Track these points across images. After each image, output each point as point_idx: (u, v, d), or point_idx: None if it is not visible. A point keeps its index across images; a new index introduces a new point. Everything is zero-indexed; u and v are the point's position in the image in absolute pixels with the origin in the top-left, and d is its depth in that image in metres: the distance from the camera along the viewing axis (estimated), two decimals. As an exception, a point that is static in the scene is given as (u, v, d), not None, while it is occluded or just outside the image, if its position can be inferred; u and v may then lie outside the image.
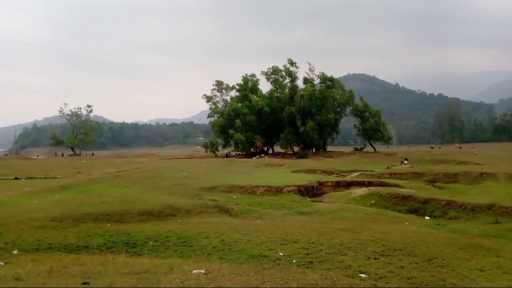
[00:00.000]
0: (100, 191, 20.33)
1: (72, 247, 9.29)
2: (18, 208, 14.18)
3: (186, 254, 8.87)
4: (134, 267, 6.21)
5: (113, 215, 13.24)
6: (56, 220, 11.98)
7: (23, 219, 11.94)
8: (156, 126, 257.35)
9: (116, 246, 9.57)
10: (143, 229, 11.75)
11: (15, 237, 10.02)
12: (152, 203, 15.81)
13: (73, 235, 10.48)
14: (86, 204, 14.60)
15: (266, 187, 24.20)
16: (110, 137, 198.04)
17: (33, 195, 18.49)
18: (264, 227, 12.62)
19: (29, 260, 7.94)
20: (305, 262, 7.91)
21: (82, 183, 23.75)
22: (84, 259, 7.39)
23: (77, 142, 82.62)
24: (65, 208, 13.73)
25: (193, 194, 20.69)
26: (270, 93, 68.04)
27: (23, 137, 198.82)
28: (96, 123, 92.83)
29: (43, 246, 9.32)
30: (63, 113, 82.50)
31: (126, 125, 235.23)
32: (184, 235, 10.73)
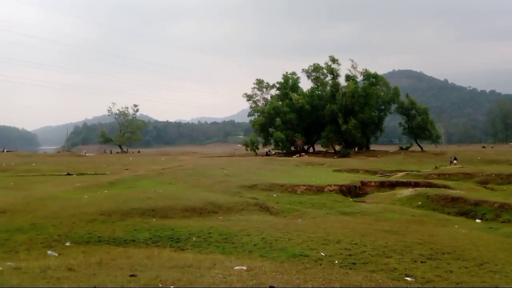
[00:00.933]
0: (145, 187, 21.07)
1: (120, 241, 9.70)
2: (70, 203, 15.03)
3: (227, 250, 8.98)
4: (178, 261, 6.37)
5: (158, 211, 13.69)
6: (105, 215, 12.57)
7: (74, 213, 12.64)
8: (198, 125, 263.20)
9: (161, 240, 9.88)
10: (186, 224, 12.04)
11: (68, 229, 10.62)
12: (194, 200, 16.18)
13: (121, 229, 10.93)
14: (133, 200, 15.22)
15: (306, 186, 23.98)
16: (155, 136, 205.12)
17: (83, 190, 19.51)
18: (305, 226, 12.51)
19: (81, 252, 8.39)
20: (347, 263, 7.75)
21: (129, 179, 24.75)
22: (131, 252, 7.69)
23: (125, 140, 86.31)
24: (113, 203, 14.39)
25: (234, 192, 20.93)
26: (311, 91, 67.27)
27: (74, 135, 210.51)
28: (142, 122, 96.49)
29: (93, 239, 9.81)
30: (111, 113, 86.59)
31: (170, 124, 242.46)
32: (226, 232, 10.87)
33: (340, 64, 64.21)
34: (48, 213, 12.47)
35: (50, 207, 13.73)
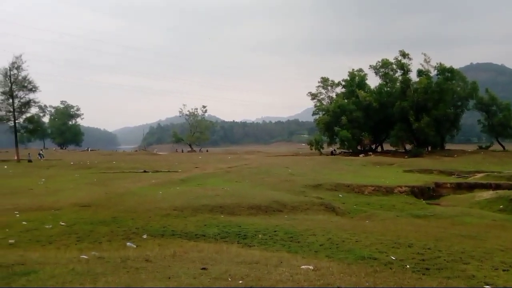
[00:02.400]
0: (214, 184, 21.85)
1: (191, 235, 10.19)
2: (147, 198, 16.12)
3: (293, 249, 9.01)
4: (246, 257, 6.55)
5: (226, 208, 14.16)
6: (177, 210, 13.30)
7: (150, 208, 13.53)
8: (263, 124, 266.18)
9: (228, 236, 10.20)
10: (253, 222, 12.29)
11: (144, 223, 11.40)
12: (260, 198, 16.46)
13: (192, 224, 11.48)
14: (202, 196, 15.91)
15: (374, 187, 23.14)
16: (222, 135, 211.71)
17: (158, 186, 20.77)
18: (373, 228, 12.11)
19: (156, 244, 8.96)
20: (420, 268, 7.36)
21: (199, 177, 25.84)
22: (202, 247, 8.05)
23: (194, 140, 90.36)
24: (185, 199, 15.17)
25: (299, 191, 20.88)
26: (379, 88, 64.54)
27: (150, 135, 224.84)
28: (210, 122, 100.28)
29: (167, 232, 10.42)
30: (182, 114, 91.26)
31: (236, 124, 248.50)
32: (291, 231, 10.91)
33: (411, 59, 60.75)
34: (127, 208, 13.50)
35: (129, 202, 14.86)
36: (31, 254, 6.63)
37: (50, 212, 12.55)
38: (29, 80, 47.77)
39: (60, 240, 9.25)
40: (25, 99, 48.27)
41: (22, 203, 15.16)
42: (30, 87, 47.95)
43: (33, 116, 52.79)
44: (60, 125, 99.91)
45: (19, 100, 47.79)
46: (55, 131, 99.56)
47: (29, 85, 47.84)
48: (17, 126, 48.78)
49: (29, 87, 47.86)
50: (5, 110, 47.49)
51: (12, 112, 47.57)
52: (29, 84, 47.79)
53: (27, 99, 48.44)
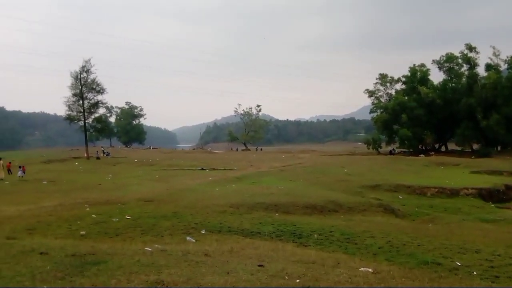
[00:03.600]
0: (268, 183, 22.01)
1: (247, 232, 10.35)
2: (204, 195, 16.64)
3: (350, 251, 8.81)
4: (301, 257, 6.54)
5: (281, 206, 14.20)
6: (233, 207, 13.59)
7: (208, 204, 13.94)
8: (317, 123, 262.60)
9: (284, 235, 10.22)
10: (308, 221, 12.20)
11: (203, 219, 11.77)
12: (315, 198, 16.29)
13: (248, 221, 11.66)
14: (257, 195, 16.09)
15: (438, 188, 21.89)
16: (275, 134, 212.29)
17: (215, 184, 21.35)
18: (436, 232, 11.49)
19: (214, 239, 9.23)
20: (489, 275, 6.85)
21: (253, 175, 26.16)
22: (258, 244, 8.15)
23: (249, 139, 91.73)
24: (240, 197, 15.45)
25: (355, 192, 20.37)
26: (443, 84, 60.73)
27: (206, 134, 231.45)
28: (264, 121, 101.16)
29: (224, 228, 10.68)
30: (237, 113, 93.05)
31: (290, 123, 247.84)
32: (348, 232, 10.67)
33: (479, 53, 56.48)
34: (187, 203, 14.03)
35: (188, 198, 15.44)
36: (100, 245, 7.13)
37: (117, 206, 13.40)
38: (97, 82, 51.36)
39: (126, 233, 9.83)
40: (94, 100, 51.95)
41: (92, 197, 16.37)
42: (98, 89, 51.52)
43: (101, 116, 56.68)
44: (125, 124, 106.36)
45: (88, 102, 51.53)
46: (121, 130, 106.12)
47: (97, 87, 51.42)
48: (86, 126, 52.64)
49: (97, 89, 51.45)
50: (76, 110, 51.46)
51: (82, 112, 51.43)
52: (97, 86, 51.37)
53: (96, 100, 52.10)
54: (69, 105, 50.97)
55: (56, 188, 21.18)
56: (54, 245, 6.55)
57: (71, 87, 50.67)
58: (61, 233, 9.57)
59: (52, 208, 13.40)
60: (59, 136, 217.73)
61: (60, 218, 11.27)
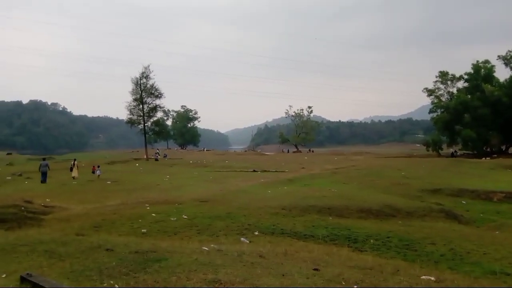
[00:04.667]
0: (320, 185, 21.71)
1: (300, 235, 10.29)
2: (257, 196, 16.79)
3: (409, 257, 8.44)
4: (358, 262, 6.37)
5: (334, 209, 13.94)
6: (286, 209, 13.56)
7: (260, 206, 14.05)
8: (371, 124, 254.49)
9: (338, 239, 10.02)
10: (363, 226, 11.86)
11: (255, 220, 11.88)
12: (370, 201, 15.80)
13: (300, 224, 11.58)
14: (310, 197, 15.93)
15: (506, 193, 20.24)
16: (327, 135, 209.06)
17: (267, 185, 21.46)
18: (504, 240, 10.67)
19: (267, 241, 9.27)
20: None
21: (305, 177, 25.95)
22: (312, 247, 8.08)
23: (300, 140, 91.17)
24: (292, 199, 15.39)
25: (414, 196, 19.47)
26: (510, 81, 56.25)
27: (258, 136, 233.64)
28: (315, 122, 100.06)
29: (277, 230, 10.70)
30: (288, 115, 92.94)
31: (342, 124, 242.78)
32: (407, 238, 10.23)
33: (555, 45, 51.69)
34: (240, 205, 14.24)
35: (241, 199, 15.67)
36: (160, 243, 7.46)
37: (174, 206, 13.94)
38: (156, 87, 53.97)
39: (183, 232, 10.20)
40: (153, 104, 54.65)
41: (152, 197, 17.17)
42: (157, 93, 54.12)
43: (159, 120, 59.41)
44: (180, 127, 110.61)
45: (147, 106, 54.29)
46: (177, 133, 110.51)
47: (156, 92, 54.03)
48: (146, 129, 55.45)
49: (155, 93, 54.07)
50: (137, 114, 54.43)
51: (142, 116, 54.26)
52: (155, 91, 53.98)
53: (154, 105, 54.77)
54: (130, 109, 54.08)
55: (119, 188, 22.51)
56: (118, 242, 6.97)
57: (132, 92, 53.72)
58: (124, 230, 10.15)
59: (116, 206, 14.26)
60: (120, 139, 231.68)
61: (123, 217, 11.96)
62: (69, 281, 4.45)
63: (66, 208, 14.86)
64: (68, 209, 14.58)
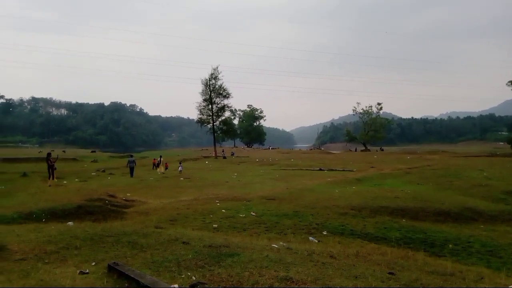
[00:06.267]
0: (392, 186, 20.78)
1: (371, 237, 9.96)
2: (324, 195, 16.56)
3: (494, 265, 7.78)
4: (436, 267, 6.01)
5: (408, 211, 13.28)
6: (355, 210, 13.21)
7: (328, 205, 13.84)
8: (448, 121, 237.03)
9: (413, 242, 9.54)
10: (440, 229, 11.17)
11: (323, 220, 11.74)
12: (448, 204, 14.79)
13: (371, 225, 11.21)
14: (380, 198, 15.33)
15: None
16: (398, 133, 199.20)
17: (334, 184, 21.07)
18: None
19: (336, 242, 9.12)
20: None
21: (375, 177, 25.00)
22: (384, 250, 7.78)
23: (368, 138, 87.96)
24: (362, 199, 14.93)
25: (498, 198, 17.83)
26: None
27: (323, 134, 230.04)
28: (385, 119, 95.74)
29: (346, 231, 10.47)
30: (356, 112, 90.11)
31: (415, 121, 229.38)
32: (490, 244, 9.43)
33: None
34: (307, 203, 14.17)
35: (308, 198, 15.58)
36: (232, 238, 7.70)
37: (242, 203, 14.29)
38: (224, 88, 55.67)
39: (252, 228, 10.42)
40: (221, 104, 56.52)
41: (221, 193, 17.77)
42: (225, 94, 55.84)
43: (227, 119, 61.27)
44: (247, 126, 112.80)
45: (216, 106, 56.23)
46: (243, 132, 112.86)
47: (224, 92, 55.75)
48: (214, 128, 57.46)
49: (223, 94, 55.82)
50: (206, 114, 56.66)
51: (211, 116, 56.31)
52: (223, 91, 55.70)
53: (222, 105, 56.60)
54: (200, 109, 56.49)
55: (190, 184, 23.61)
56: (193, 235, 7.32)
57: (202, 93, 56.04)
58: (197, 225, 10.64)
59: (189, 202, 15.00)
60: (191, 137, 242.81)
61: (196, 212, 12.54)
62: (150, 271, 4.78)
63: (145, 202, 15.95)
64: (147, 203, 15.64)
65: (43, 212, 11.62)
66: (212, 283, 4.27)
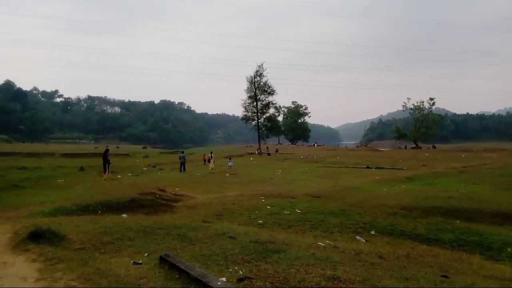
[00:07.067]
0: (445, 185, 19.81)
1: (422, 238, 9.57)
2: (372, 194, 16.13)
3: (561, 273, 7.16)
4: (493, 272, 5.67)
5: (462, 212, 12.60)
6: (405, 209, 12.74)
7: (376, 204, 13.47)
8: (507, 117, 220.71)
9: (467, 245, 9.05)
10: (497, 232, 10.49)
11: (371, 219, 11.44)
12: (506, 205, 13.87)
13: (423, 226, 10.77)
14: (433, 197, 14.68)
15: None
16: (452, 130, 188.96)
17: (382, 183, 20.44)
18: None
19: (385, 242, 8.86)
20: None
21: (426, 175, 23.96)
22: (437, 252, 7.44)
23: (419, 135, 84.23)
24: (412, 199, 14.37)
25: None
26: None
27: (371, 131, 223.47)
28: (438, 115, 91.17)
29: (396, 231, 10.13)
30: (406, 108, 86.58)
31: (470, 117, 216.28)
32: (556, 250, 8.69)
33: None
34: (353, 202, 13.88)
35: (355, 196, 15.25)
36: (277, 235, 7.73)
37: (287, 200, 14.28)
38: (269, 84, 55.81)
39: (297, 226, 10.39)
40: (266, 101, 56.73)
41: (266, 190, 17.87)
42: (269, 90, 55.97)
43: (271, 116, 61.37)
44: (291, 123, 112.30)
45: (261, 103, 56.52)
46: (287, 128, 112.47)
47: (268, 89, 55.89)
48: (259, 125, 57.80)
49: (268, 90, 55.97)
50: (251, 111, 57.12)
51: (256, 113, 56.70)
52: (268, 88, 55.85)
53: (267, 101, 56.78)
54: (245, 106, 57.05)
55: (236, 180, 23.95)
56: (239, 230, 7.44)
57: (247, 91, 56.57)
58: (242, 220, 10.79)
59: (235, 197, 15.25)
60: (236, 134, 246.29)
61: (241, 207, 12.72)
62: (199, 264, 4.93)
63: (193, 197, 16.44)
64: (194, 198, 16.11)
65: (99, 204, 12.34)
66: (259, 278, 4.33)
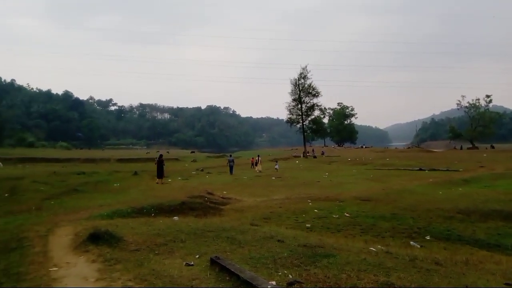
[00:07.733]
0: (506, 187, 18.46)
1: (482, 243, 9.01)
2: (425, 197, 15.40)
3: None
4: None
5: (527, 217, 11.68)
6: (462, 213, 12.04)
7: (430, 208, 12.84)
8: None
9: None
10: None
11: (426, 223, 10.93)
12: None
13: (482, 231, 10.14)
14: (493, 200, 13.77)
15: None
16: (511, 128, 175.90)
17: (437, 186, 19.46)
18: None
19: (441, 247, 8.43)
20: None
21: (485, 177, 22.51)
22: (499, 258, 6.97)
23: (476, 135, 79.44)
24: (470, 202, 13.56)
25: None
26: None
27: (422, 131, 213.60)
28: (496, 113, 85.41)
29: (453, 236, 9.61)
30: (460, 106, 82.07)
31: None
32: None
33: None
34: (406, 205, 13.33)
35: (407, 200, 14.65)
36: (326, 239, 7.61)
37: (335, 203, 14.02)
38: (313, 86, 55.30)
39: (346, 230, 10.16)
40: (310, 103, 56.27)
41: (313, 193, 17.65)
42: (314, 92, 55.44)
43: (316, 118, 60.69)
44: (337, 124, 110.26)
45: (305, 105, 56.16)
46: (333, 130, 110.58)
47: (313, 91, 55.38)
48: (304, 127, 57.36)
49: (313, 93, 55.46)
50: (295, 114, 56.89)
51: (301, 115, 56.36)
52: (313, 90, 55.36)
53: (312, 104, 56.30)
54: (290, 109, 56.94)
55: (282, 183, 23.90)
56: (287, 234, 7.42)
57: (291, 93, 56.45)
58: (290, 224, 10.74)
59: (281, 201, 15.21)
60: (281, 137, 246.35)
61: (288, 210, 12.67)
62: (249, 267, 4.97)
63: (240, 200, 16.62)
64: (241, 201, 16.28)
65: (152, 207, 12.84)
66: (309, 283, 4.29)
